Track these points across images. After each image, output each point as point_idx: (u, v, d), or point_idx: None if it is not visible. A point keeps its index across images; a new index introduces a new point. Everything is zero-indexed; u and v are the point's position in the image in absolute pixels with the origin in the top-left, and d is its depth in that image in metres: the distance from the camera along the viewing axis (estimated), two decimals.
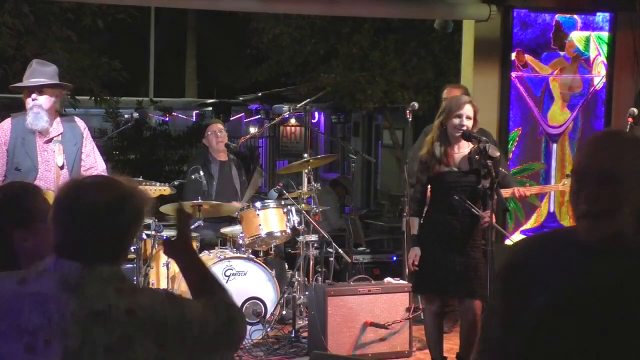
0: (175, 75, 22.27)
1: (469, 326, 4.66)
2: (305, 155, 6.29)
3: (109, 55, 10.71)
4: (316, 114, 17.40)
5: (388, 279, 5.63)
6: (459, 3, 6.53)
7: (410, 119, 5.74)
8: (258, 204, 5.84)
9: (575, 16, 6.68)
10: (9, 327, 1.77)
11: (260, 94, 17.29)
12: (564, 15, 6.67)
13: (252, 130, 17.26)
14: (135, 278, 5.23)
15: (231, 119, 18.26)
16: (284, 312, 5.86)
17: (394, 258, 7.18)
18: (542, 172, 6.70)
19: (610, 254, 1.79)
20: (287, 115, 10.87)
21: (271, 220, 5.79)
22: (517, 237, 6.47)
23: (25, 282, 1.83)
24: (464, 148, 4.59)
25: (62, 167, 4.49)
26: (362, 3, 6.61)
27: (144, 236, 5.51)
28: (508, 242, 6.38)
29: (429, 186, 4.76)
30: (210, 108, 19.33)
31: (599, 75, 6.74)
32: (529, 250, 1.95)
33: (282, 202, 5.99)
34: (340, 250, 6.29)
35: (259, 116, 18.02)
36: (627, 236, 1.79)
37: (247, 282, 5.57)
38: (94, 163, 4.63)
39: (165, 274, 5.48)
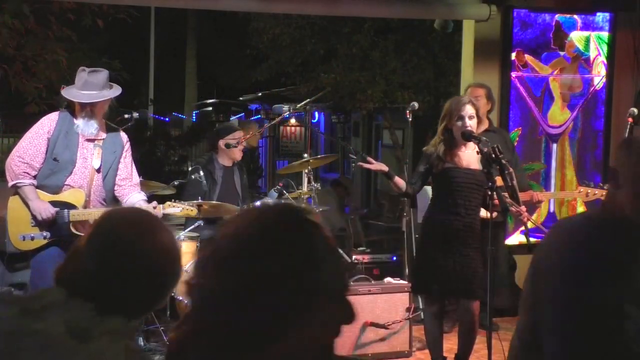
0: (175, 75, 22.28)
1: (467, 326, 4.66)
2: (305, 155, 6.28)
3: (109, 55, 10.72)
4: (316, 114, 17.41)
5: (388, 279, 5.62)
6: (459, 3, 6.53)
7: (410, 119, 5.74)
8: (258, 204, 5.83)
9: (575, 16, 6.68)
10: None
11: (260, 94, 17.30)
12: (564, 15, 6.66)
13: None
14: None
15: (231, 118, 18.27)
16: None
17: (394, 258, 7.17)
18: (542, 172, 6.70)
19: None
20: (287, 115, 10.87)
21: None
22: (516, 237, 6.48)
23: (28, 314, 1.55)
24: (471, 148, 4.57)
25: (98, 171, 4.58)
26: (362, 3, 6.61)
27: None
28: (508, 242, 6.38)
29: (431, 186, 4.76)
30: (210, 108, 19.34)
31: (599, 75, 6.74)
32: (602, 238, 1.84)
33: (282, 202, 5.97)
34: (340, 250, 6.28)
35: (259, 116, 18.03)
36: None
37: None
38: (129, 175, 4.74)
39: None
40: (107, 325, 1.55)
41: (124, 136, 4.77)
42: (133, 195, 4.71)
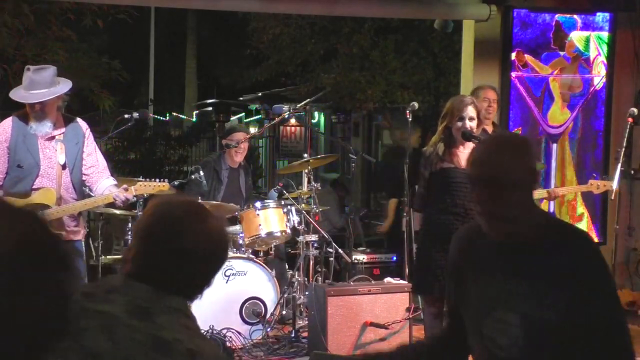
0: (175, 75, 22.29)
1: None
2: (305, 155, 6.28)
3: (109, 55, 10.73)
4: (316, 114, 17.40)
5: (388, 279, 5.63)
6: (459, 3, 6.53)
7: (410, 119, 5.74)
8: (258, 204, 5.83)
9: (575, 16, 6.68)
10: (69, 345, 1.58)
11: (260, 94, 17.31)
12: (564, 15, 6.67)
13: (252, 130, 17.26)
14: None
15: (231, 119, 18.27)
16: (284, 312, 5.86)
17: (394, 258, 7.18)
18: (542, 172, 6.70)
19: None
20: (287, 115, 10.88)
21: (271, 220, 5.79)
22: None
23: (92, 297, 1.69)
24: (470, 148, 4.55)
25: (64, 167, 4.54)
26: (362, 3, 6.61)
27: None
28: None
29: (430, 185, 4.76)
30: (210, 108, 19.35)
31: (599, 75, 6.74)
32: (460, 239, 2.39)
33: (282, 202, 5.99)
34: (340, 250, 6.29)
35: (259, 116, 18.04)
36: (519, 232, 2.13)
37: (247, 282, 5.57)
38: (95, 162, 4.69)
39: None
40: (165, 304, 1.69)
41: (83, 124, 4.68)
42: (103, 181, 4.65)
